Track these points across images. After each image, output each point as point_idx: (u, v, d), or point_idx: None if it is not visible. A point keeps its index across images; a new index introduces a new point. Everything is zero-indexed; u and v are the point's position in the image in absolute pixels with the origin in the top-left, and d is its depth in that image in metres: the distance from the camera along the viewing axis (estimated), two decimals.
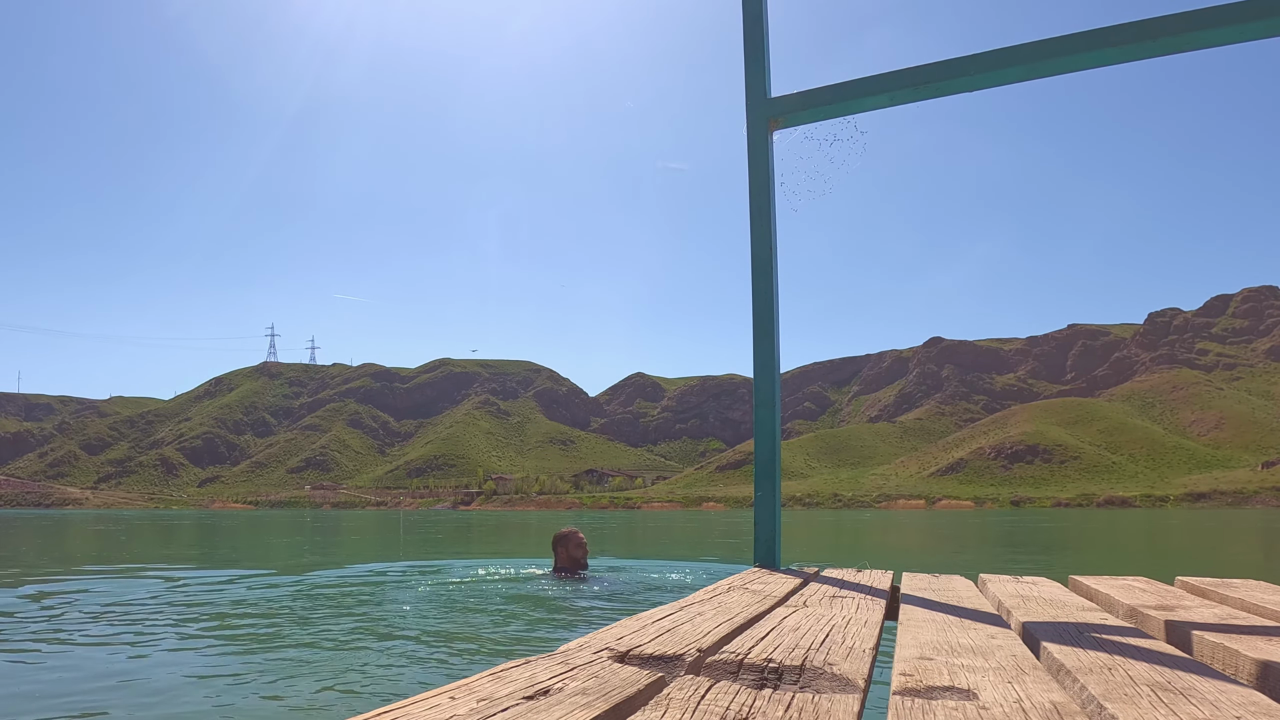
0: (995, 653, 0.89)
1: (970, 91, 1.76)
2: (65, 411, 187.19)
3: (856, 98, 1.81)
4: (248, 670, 2.21)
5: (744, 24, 1.90)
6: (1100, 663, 0.84)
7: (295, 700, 1.91)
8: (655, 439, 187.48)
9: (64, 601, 3.96)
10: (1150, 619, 1.21)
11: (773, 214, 1.92)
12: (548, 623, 3.12)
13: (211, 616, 3.35)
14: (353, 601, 3.80)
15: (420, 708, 0.59)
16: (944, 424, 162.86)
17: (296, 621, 3.14)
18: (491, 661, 2.31)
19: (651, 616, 1.06)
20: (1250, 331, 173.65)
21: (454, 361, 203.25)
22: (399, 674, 2.18)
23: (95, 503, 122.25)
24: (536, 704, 0.61)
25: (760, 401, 1.91)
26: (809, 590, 1.43)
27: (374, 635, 2.79)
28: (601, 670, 0.74)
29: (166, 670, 2.21)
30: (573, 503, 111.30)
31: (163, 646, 2.62)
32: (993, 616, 1.20)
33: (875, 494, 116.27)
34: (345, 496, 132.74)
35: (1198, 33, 1.54)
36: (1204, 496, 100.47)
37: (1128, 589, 1.55)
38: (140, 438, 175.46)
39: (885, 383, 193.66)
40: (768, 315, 1.90)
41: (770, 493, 1.88)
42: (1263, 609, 1.27)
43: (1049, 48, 1.65)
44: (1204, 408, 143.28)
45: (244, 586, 4.66)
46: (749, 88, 1.92)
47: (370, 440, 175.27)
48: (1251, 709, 0.66)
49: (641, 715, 0.61)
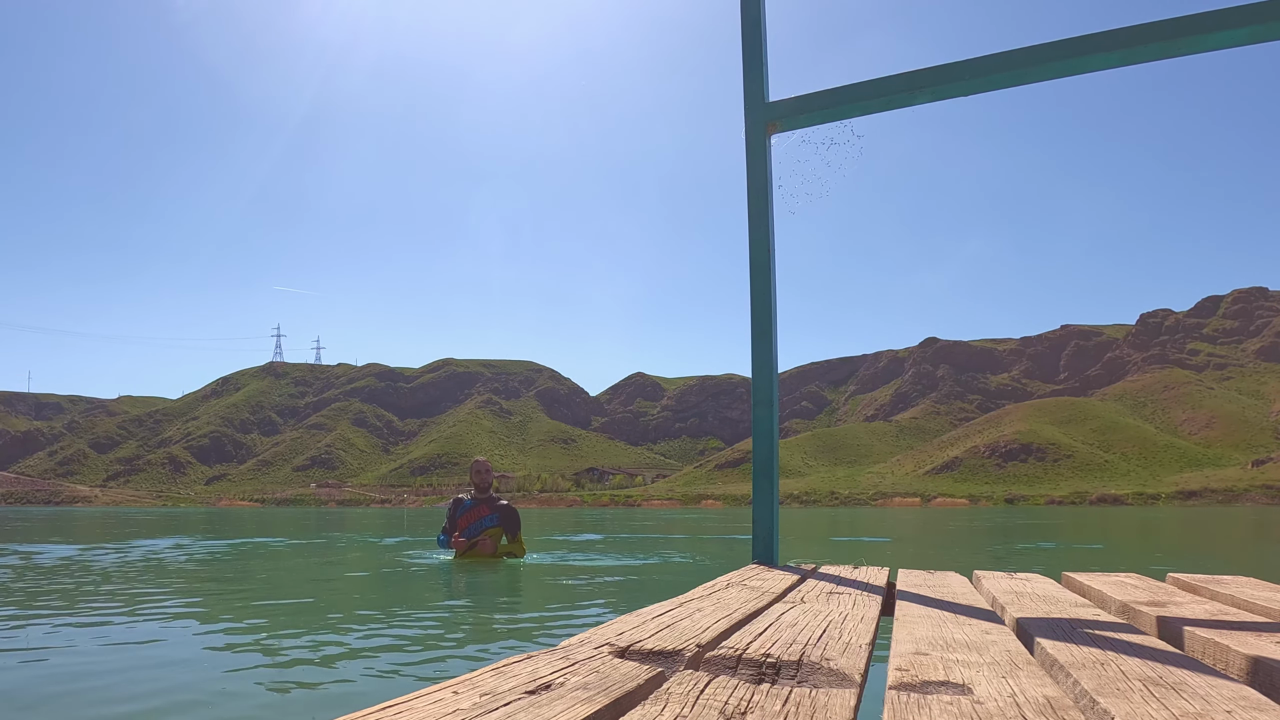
0: (990, 648, 0.90)
1: (965, 96, 1.77)
2: (74, 411, 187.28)
3: (853, 102, 1.82)
4: (252, 651, 2.22)
5: (742, 29, 1.91)
6: (1093, 658, 0.85)
7: (296, 698, 1.91)
8: (655, 438, 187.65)
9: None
10: (1142, 615, 1.23)
11: (771, 216, 1.93)
12: (548, 618, 3.13)
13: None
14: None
15: (424, 702, 0.60)
16: (939, 423, 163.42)
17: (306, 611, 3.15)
18: (493, 656, 2.32)
19: (651, 612, 1.07)
20: (1240, 332, 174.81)
21: (457, 361, 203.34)
22: (399, 671, 2.19)
23: (104, 500, 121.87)
24: (539, 698, 0.62)
25: (758, 401, 1.92)
26: (806, 587, 1.45)
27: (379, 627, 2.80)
28: (602, 665, 0.75)
29: (184, 643, 2.23)
30: (574, 500, 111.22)
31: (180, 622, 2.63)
32: (987, 613, 1.22)
33: (872, 492, 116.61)
34: (350, 494, 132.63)
35: (1189, 38, 1.55)
36: (1195, 494, 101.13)
37: (1120, 585, 1.56)
38: (148, 436, 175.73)
39: (881, 382, 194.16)
40: (766, 316, 1.91)
41: (768, 491, 1.90)
42: (1253, 605, 1.29)
43: (1041, 53, 1.66)
44: (1195, 407, 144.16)
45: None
46: (747, 92, 1.93)
47: (374, 439, 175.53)
48: (1242, 703, 0.67)
49: (641, 710, 0.62)
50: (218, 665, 2.26)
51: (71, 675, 2.13)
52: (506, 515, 5.40)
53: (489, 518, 5.36)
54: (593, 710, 0.59)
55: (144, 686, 2.00)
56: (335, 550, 7.98)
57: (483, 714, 0.57)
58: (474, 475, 5.49)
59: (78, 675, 2.12)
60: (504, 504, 5.43)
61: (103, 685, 2.02)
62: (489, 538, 5.28)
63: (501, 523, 5.38)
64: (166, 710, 1.78)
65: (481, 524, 5.34)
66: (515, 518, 5.45)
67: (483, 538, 5.27)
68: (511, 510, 5.46)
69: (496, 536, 5.34)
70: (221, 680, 2.06)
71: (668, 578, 4.89)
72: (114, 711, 1.78)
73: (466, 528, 5.33)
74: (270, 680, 2.06)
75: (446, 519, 5.43)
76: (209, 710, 1.78)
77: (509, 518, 5.41)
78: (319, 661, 2.31)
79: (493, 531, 5.33)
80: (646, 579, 4.80)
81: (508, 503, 5.46)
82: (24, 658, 2.38)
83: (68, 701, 1.86)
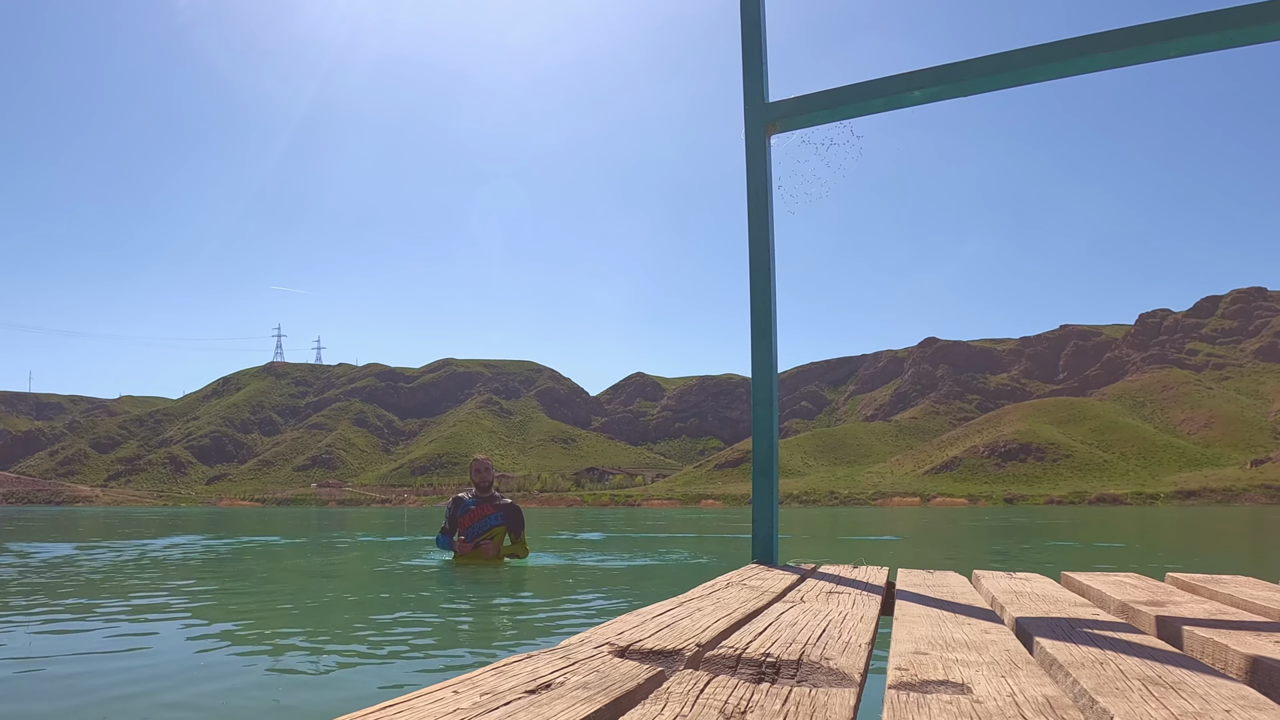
0: (989, 647, 0.91)
1: (964, 96, 1.77)
2: (75, 411, 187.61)
3: (852, 102, 1.82)
4: (250, 652, 2.21)
5: (742, 30, 1.91)
6: (1092, 657, 0.85)
7: (296, 698, 1.91)
8: (655, 438, 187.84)
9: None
10: (1141, 614, 1.23)
11: (770, 217, 1.93)
12: (548, 618, 3.13)
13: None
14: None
15: (424, 702, 0.60)
16: (939, 423, 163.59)
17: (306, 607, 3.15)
18: (493, 655, 2.32)
19: (651, 612, 1.07)
20: (1239, 332, 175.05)
21: (457, 361, 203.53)
22: (399, 670, 2.19)
23: (105, 500, 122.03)
24: (539, 698, 0.62)
25: (758, 401, 1.92)
26: (806, 586, 1.45)
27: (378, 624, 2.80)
28: (602, 665, 0.75)
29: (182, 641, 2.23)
30: (574, 500, 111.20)
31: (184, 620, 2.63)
32: (986, 612, 1.22)
33: (871, 491, 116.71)
34: (350, 494, 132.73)
35: (1189, 38, 1.55)
36: (1194, 494, 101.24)
37: (1119, 585, 1.56)
38: (149, 436, 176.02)
39: (881, 382, 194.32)
40: (765, 316, 1.91)
41: (768, 490, 1.90)
42: (1251, 604, 1.29)
43: (1040, 53, 1.66)
44: (1194, 407, 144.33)
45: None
46: (747, 93, 1.93)
47: (375, 439, 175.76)
48: (1241, 703, 0.67)
49: (641, 709, 0.62)
50: (217, 665, 2.26)
51: (72, 675, 2.13)
52: (511, 515, 5.22)
53: (493, 517, 5.17)
54: (593, 709, 0.59)
55: (144, 686, 2.00)
56: (335, 550, 7.98)
57: (483, 713, 0.57)
58: (474, 473, 5.29)
59: (79, 675, 2.12)
60: (508, 502, 5.25)
61: (103, 685, 2.02)
62: (493, 539, 5.11)
63: (505, 522, 5.20)
64: (166, 710, 1.78)
65: (485, 524, 5.15)
66: (519, 517, 5.27)
67: (486, 539, 5.10)
68: (516, 509, 5.28)
69: (501, 537, 5.18)
70: (220, 681, 2.06)
71: (668, 577, 4.89)
72: (112, 712, 1.78)
73: (469, 528, 5.13)
74: (269, 680, 2.06)
75: (446, 519, 5.24)
76: (208, 711, 1.78)
77: (513, 517, 5.23)
78: (319, 661, 2.31)
79: (497, 531, 5.17)
80: (646, 579, 4.80)
81: (511, 501, 5.29)
82: (20, 657, 2.38)
83: (68, 701, 1.86)
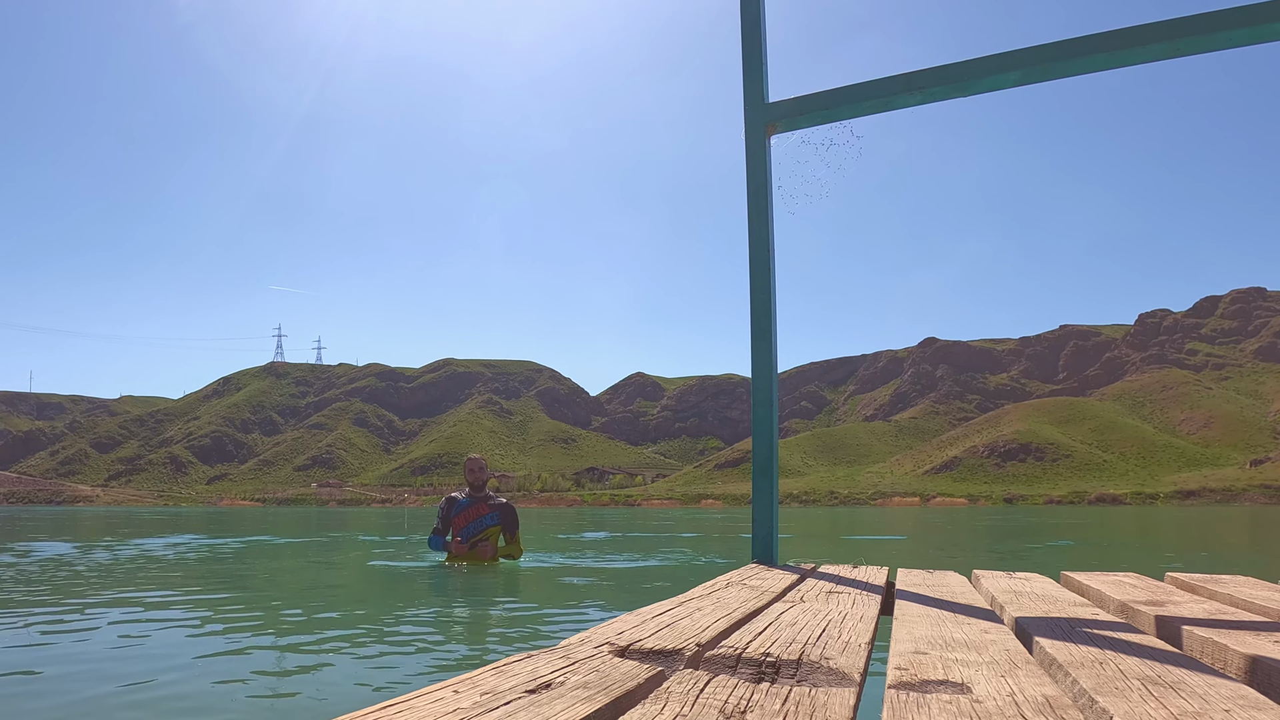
0: (989, 647, 0.91)
1: (964, 96, 1.77)
2: (76, 410, 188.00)
3: (852, 103, 1.83)
4: (249, 651, 2.21)
5: (742, 30, 1.91)
6: (1092, 657, 0.85)
7: (295, 698, 1.91)
8: (655, 437, 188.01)
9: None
10: (1141, 614, 1.23)
11: (770, 217, 1.93)
12: (548, 618, 3.14)
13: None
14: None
15: (424, 701, 0.60)
16: (938, 423, 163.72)
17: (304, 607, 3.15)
18: (493, 655, 2.32)
19: (651, 611, 1.07)
20: (1238, 332, 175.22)
21: (457, 361, 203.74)
22: (399, 670, 2.19)
23: (105, 500, 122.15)
24: (539, 697, 0.62)
25: (758, 401, 1.92)
26: (806, 586, 1.45)
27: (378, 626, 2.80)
28: (602, 664, 0.75)
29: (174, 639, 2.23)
30: (574, 500, 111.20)
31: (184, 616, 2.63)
32: (986, 612, 1.22)
33: (871, 491, 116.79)
34: (351, 494, 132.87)
35: (1189, 38, 1.56)
36: (1193, 494, 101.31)
37: (1118, 585, 1.56)
38: (150, 436, 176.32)
39: (881, 382, 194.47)
40: (765, 316, 1.91)
41: (768, 490, 1.90)
42: (1251, 604, 1.29)
43: (1040, 54, 1.66)
44: (1193, 407, 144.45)
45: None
46: (747, 93, 1.93)
47: (375, 439, 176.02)
48: (1240, 703, 0.67)
49: (641, 708, 0.62)
50: (215, 665, 2.26)
51: (72, 675, 2.13)
52: (506, 515, 5.20)
53: (488, 517, 5.15)
54: (593, 709, 0.59)
55: (144, 686, 2.00)
56: (335, 549, 7.98)
57: (483, 713, 0.57)
58: (468, 473, 5.26)
59: (79, 675, 2.12)
60: (503, 502, 5.23)
61: (103, 685, 2.02)
62: (489, 540, 5.08)
63: (501, 522, 5.18)
64: (166, 710, 1.78)
65: (480, 523, 5.12)
66: (514, 517, 5.26)
67: (482, 540, 5.07)
68: (510, 509, 5.28)
69: (496, 537, 5.16)
70: (220, 680, 2.06)
71: (668, 577, 4.89)
72: (112, 712, 1.78)
73: (464, 528, 5.10)
74: (269, 680, 2.06)
75: (438, 519, 5.18)
76: (208, 710, 1.78)
77: (508, 517, 5.22)
78: (318, 661, 2.31)
79: (492, 531, 5.14)
80: (647, 578, 4.80)
81: (506, 500, 5.29)
82: (20, 657, 2.38)
83: (68, 701, 1.86)
